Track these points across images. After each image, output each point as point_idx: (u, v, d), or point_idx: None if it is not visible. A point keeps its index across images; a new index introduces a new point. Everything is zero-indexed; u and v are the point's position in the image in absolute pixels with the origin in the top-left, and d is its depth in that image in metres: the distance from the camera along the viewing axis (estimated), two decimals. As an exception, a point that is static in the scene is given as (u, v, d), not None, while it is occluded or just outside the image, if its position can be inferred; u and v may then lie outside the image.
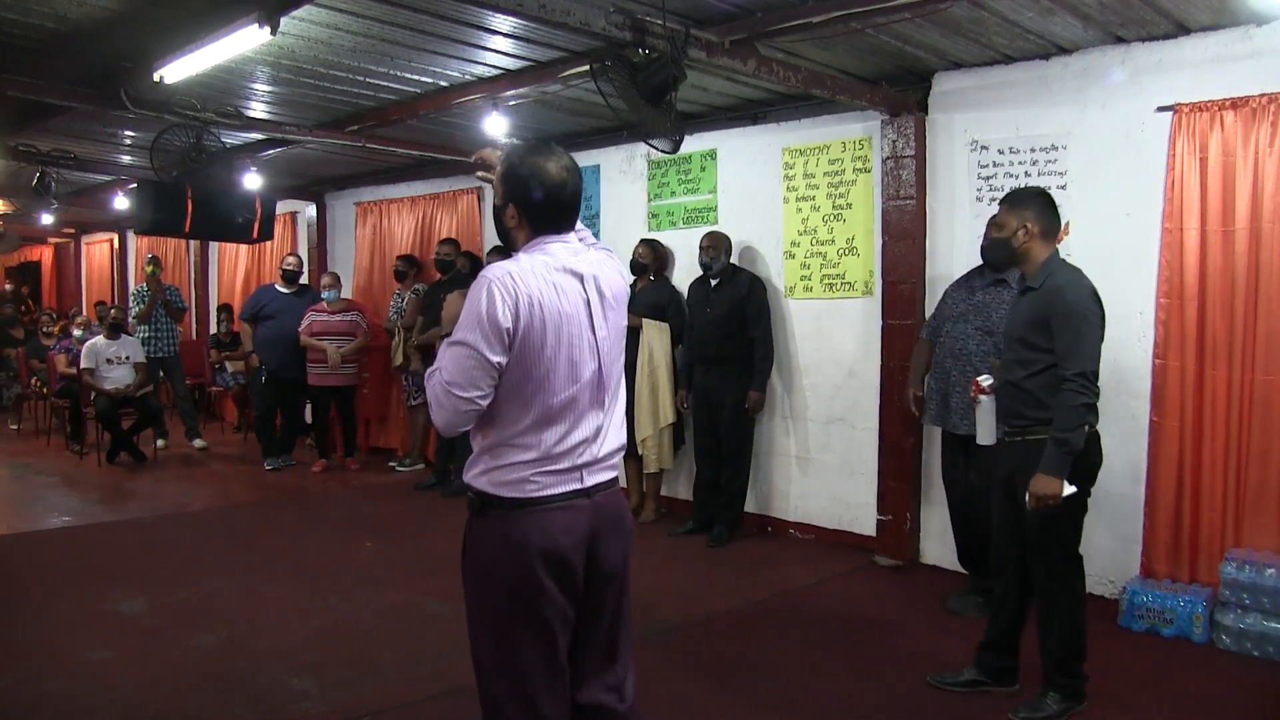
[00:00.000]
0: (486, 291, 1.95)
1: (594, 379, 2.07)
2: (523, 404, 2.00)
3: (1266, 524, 3.94)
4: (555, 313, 1.99)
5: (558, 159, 2.08)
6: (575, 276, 2.06)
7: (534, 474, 2.02)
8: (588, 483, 2.09)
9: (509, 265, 2.01)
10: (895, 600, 4.50)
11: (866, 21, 3.92)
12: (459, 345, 1.97)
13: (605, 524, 2.12)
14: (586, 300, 2.07)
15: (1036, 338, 3.07)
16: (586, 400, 2.06)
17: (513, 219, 2.10)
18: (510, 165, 2.09)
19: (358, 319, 7.65)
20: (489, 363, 1.95)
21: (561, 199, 2.08)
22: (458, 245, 7.11)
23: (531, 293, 1.97)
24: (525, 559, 2.02)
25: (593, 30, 3.54)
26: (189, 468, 7.91)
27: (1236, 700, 3.42)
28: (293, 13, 3.72)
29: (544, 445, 2.02)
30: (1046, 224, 3.15)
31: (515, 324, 1.95)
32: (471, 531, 2.14)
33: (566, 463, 2.05)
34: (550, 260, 2.05)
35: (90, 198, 9.83)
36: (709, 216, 6.02)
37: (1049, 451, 2.96)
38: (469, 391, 1.97)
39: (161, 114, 5.22)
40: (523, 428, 2.01)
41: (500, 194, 2.12)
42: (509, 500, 2.03)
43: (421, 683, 3.51)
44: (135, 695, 3.37)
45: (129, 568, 4.95)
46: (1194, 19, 3.97)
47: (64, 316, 11.61)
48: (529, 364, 1.98)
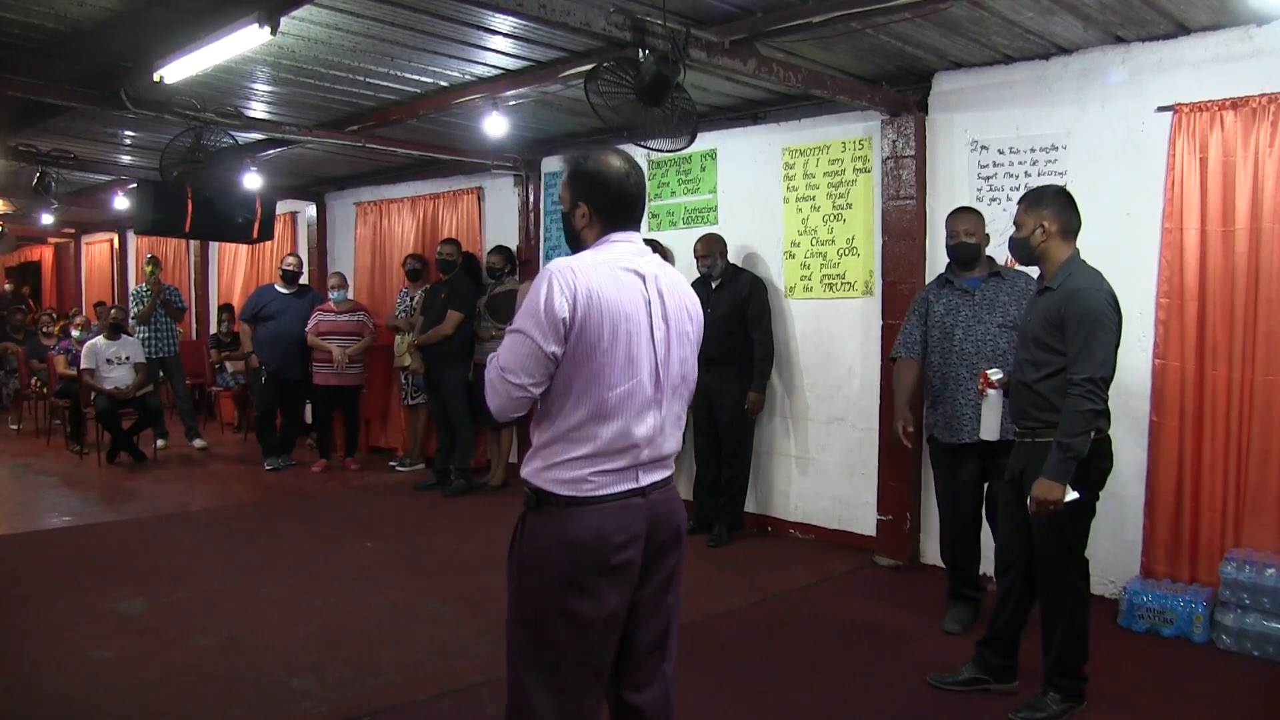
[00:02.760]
0: (547, 284, 1.99)
1: (651, 377, 2.08)
2: (577, 397, 2.02)
3: (1266, 524, 3.94)
4: (614, 308, 2.01)
5: (620, 155, 2.16)
6: (637, 275, 2.09)
7: (591, 472, 2.03)
8: (643, 481, 2.09)
9: (570, 260, 2.05)
10: (895, 600, 4.50)
11: (866, 21, 3.92)
12: (517, 333, 2.01)
13: (660, 524, 2.13)
14: (647, 300, 2.08)
15: (1051, 339, 3.04)
16: (643, 398, 2.06)
17: (583, 217, 2.15)
18: (575, 166, 2.16)
19: (364, 319, 7.65)
20: (543, 352, 1.99)
21: (627, 191, 2.13)
22: (459, 245, 7.11)
23: (590, 286, 1.99)
24: (577, 558, 2.02)
25: (593, 30, 3.55)
26: (189, 468, 7.91)
27: (1236, 700, 3.42)
28: (293, 13, 3.72)
29: (600, 441, 2.03)
30: (1065, 222, 3.11)
31: (572, 316, 1.97)
32: (525, 526, 2.13)
33: (623, 461, 2.05)
34: (614, 257, 2.08)
35: (90, 198, 9.83)
36: (709, 216, 6.02)
37: (1052, 456, 2.95)
38: (521, 378, 2.01)
39: (161, 114, 5.22)
40: (577, 421, 2.03)
41: (567, 198, 2.17)
42: (565, 498, 2.04)
43: (421, 683, 3.51)
44: (135, 695, 3.37)
45: (129, 568, 4.95)
46: (1194, 19, 3.97)
47: (64, 316, 11.61)
48: (584, 357, 2.00)
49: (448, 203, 7.86)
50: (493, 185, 7.50)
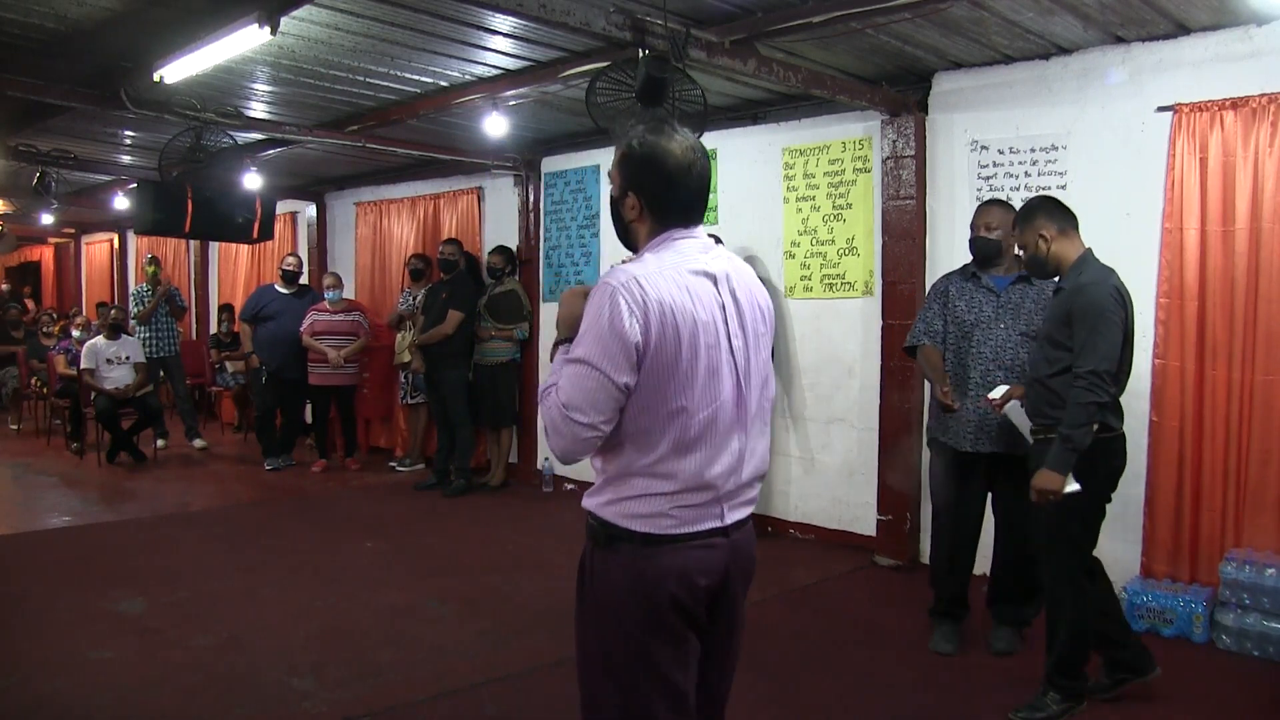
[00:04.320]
0: (610, 300, 1.69)
1: (734, 396, 1.81)
2: (657, 429, 1.75)
3: (1266, 524, 3.94)
4: (690, 321, 1.73)
5: (681, 138, 1.84)
6: (708, 278, 1.81)
7: (673, 508, 1.77)
8: (728, 520, 1.84)
9: (633, 269, 1.75)
10: (895, 601, 4.50)
11: (866, 21, 3.92)
12: (580, 364, 1.72)
13: (739, 566, 1.89)
14: (722, 305, 1.81)
15: (1060, 335, 3.08)
16: (726, 422, 1.80)
17: (633, 210, 1.86)
18: (629, 148, 1.85)
19: (360, 319, 7.66)
20: (615, 385, 1.70)
21: (688, 184, 1.83)
22: (460, 245, 7.12)
23: (662, 299, 1.71)
24: (659, 602, 1.78)
25: (593, 30, 3.55)
26: (189, 468, 7.91)
27: (1236, 700, 3.42)
28: (293, 13, 3.72)
29: (683, 476, 1.77)
30: (1060, 224, 3.16)
31: (645, 338, 1.69)
32: (594, 566, 1.87)
33: (707, 495, 1.80)
34: (680, 259, 1.80)
35: (90, 198, 9.84)
36: (709, 216, 6.02)
37: (1054, 446, 2.97)
38: (590, 416, 1.71)
39: (161, 114, 5.22)
40: (658, 456, 1.76)
41: (617, 182, 1.88)
42: (642, 535, 1.78)
43: (421, 683, 3.51)
44: (135, 695, 3.37)
45: (129, 568, 4.95)
46: (1194, 19, 3.97)
47: (64, 316, 11.61)
48: (662, 383, 1.73)
49: (448, 203, 7.86)
50: (493, 185, 7.50)
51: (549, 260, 7.11)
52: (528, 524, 6.03)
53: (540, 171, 7.12)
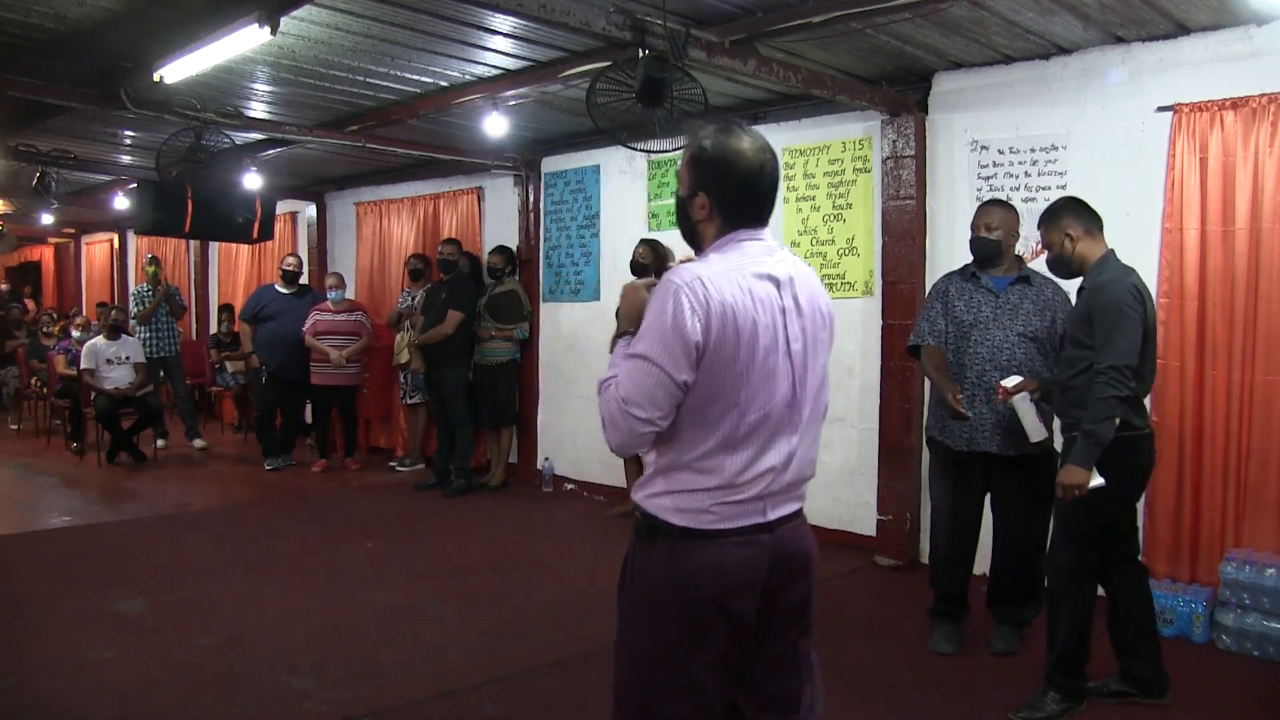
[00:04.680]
0: (674, 299, 1.72)
1: (787, 398, 1.82)
2: (708, 425, 1.78)
3: (1266, 524, 3.94)
4: (750, 323, 1.76)
5: (753, 139, 1.85)
6: (771, 281, 1.82)
7: (714, 504, 1.79)
8: (770, 516, 1.84)
9: (697, 268, 1.78)
10: (895, 600, 4.50)
11: (866, 21, 3.92)
12: (640, 359, 1.75)
13: (786, 561, 1.88)
14: (783, 309, 1.82)
15: (1082, 334, 3.09)
16: (778, 423, 1.82)
17: (702, 210, 1.87)
18: (700, 148, 1.86)
19: (362, 319, 7.67)
20: (674, 382, 1.73)
21: (759, 185, 1.85)
22: (460, 245, 7.12)
23: (725, 300, 1.73)
24: (694, 596, 1.80)
25: (593, 30, 3.55)
26: (189, 468, 7.91)
27: (1236, 700, 3.42)
28: (293, 13, 3.72)
29: (727, 472, 1.79)
30: (1085, 224, 3.19)
31: (706, 337, 1.72)
32: (636, 558, 1.89)
33: (750, 492, 1.81)
34: (745, 261, 1.82)
35: (90, 198, 9.84)
36: (709, 216, 6.01)
37: (1078, 442, 2.98)
38: (648, 411, 1.74)
39: (161, 114, 5.22)
40: (704, 451, 1.79)
41: (687, 182, 1.90)
42: (680, 529, 1.80)
43: (421, 683, 3.51)
44: (135, 695, 3.37)
45: (129, 568, 4.95)
46: (1194, 19, 3.97)
47: (64, 316, 11.62)
48: (718, 382, 1.75)
49: (448, 203, 7.86)
50: (493, 185, 7.50)
51: (549, 260, 7.11)
52: (528, 524, 6.03)
53: (540, 171, 7.12)
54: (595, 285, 6.75)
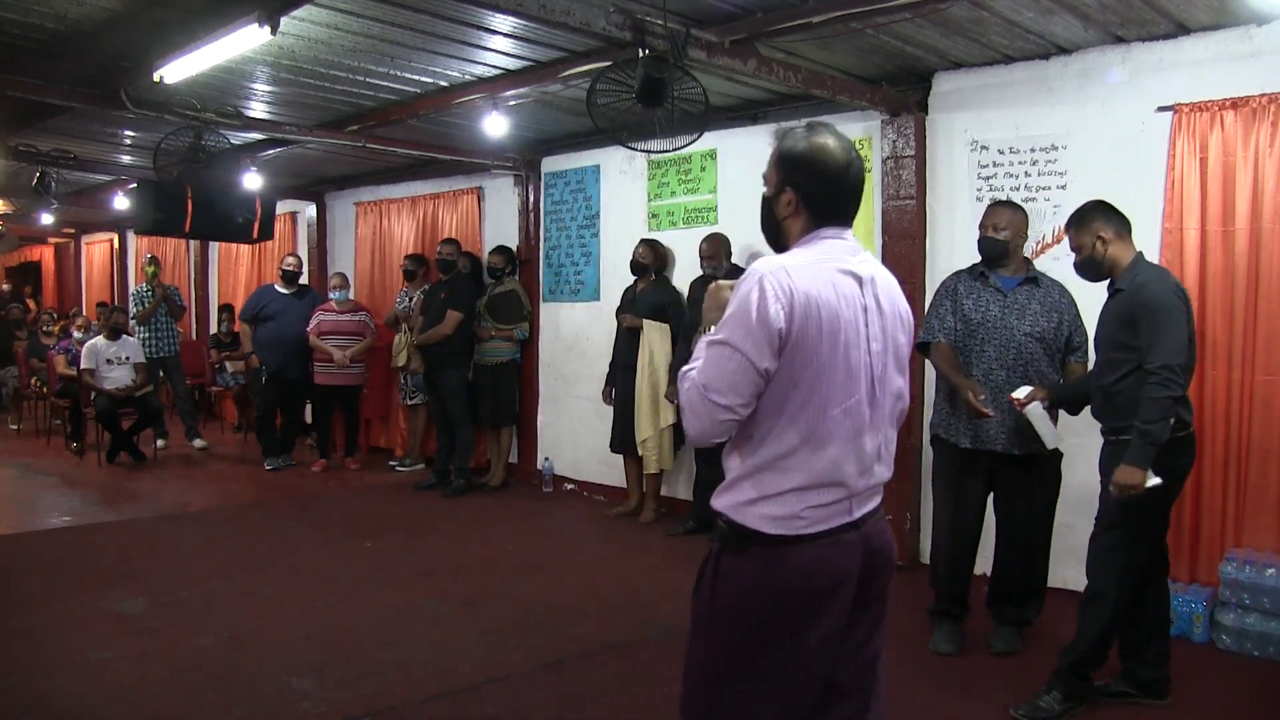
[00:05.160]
0: (759, 288, 1.73)
1: (868, 395, 1.82)
2: (789, 420, 1.77)
3: (1266, 524, 3.94)
4: (833, 316, 1.75)
5: (839, 138, 1.87)
6: (854, 279, 1.83)
7: (805, 508, 1.78)
8: (856, 514, 1.84)
9: (784, 259, 1.80)
10: (895, 600, 4.48)
11: (866, 21, 3.92)
12: (722, 345, 1.74)
13: (872, 557, 1.88)
14: (865, 307, 1.82)
15: (1125, 337, 3.08)
16: (860, 420, 1.81)
17: (788, 206, 1.89)
18: (789, 146, 1.88)
19: (366, 319, 7.67)
20: (756, 369, 1.72)
21: (846, 184, 1.86)
22: (459, 245, 7.12)
23: (809, 292, 1.74)
24: (786, 604, 1.78)
25: (593, 30, 3.55)
26: (189, 468, 7.91)
27: (1236, 700, 3.42)
28: (293, 13, 3.72)
29: (814, 470, 1.78)
30: (1117, 227, 3.19)
31: (789, 326, 1.72)
32: (720, 566, 1.84)
33: (838, 493, 1.80)
34: (829, 257, 1.82)
35: (90, 198, 9.83)
36: (709, 216, 6.01)
37: (1133, 442, 2.97)
38: (728, 398, 1.73)
39: (161, 114, 5.22)
40: (789, 448, 1.77)
41: (773, 180, 1.92)
42: (773, 536, 1.77)
43: (421, 683, 3.51)
44: (135, 695, 3.37)
45: (129, 568, 4.95)
46: (1194, 19, 3.97)
47: (64, 316, 11.62)
48: (800, 374, 1.75)
49: (448, 203, 7.86)
50: (493, 185, 7.50)
51: (549, 260, 7.11)
52: (528, 524, 6.03)
53: (540, 171, 7.12)
54: (595, 285, 6.75)
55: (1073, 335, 3.73)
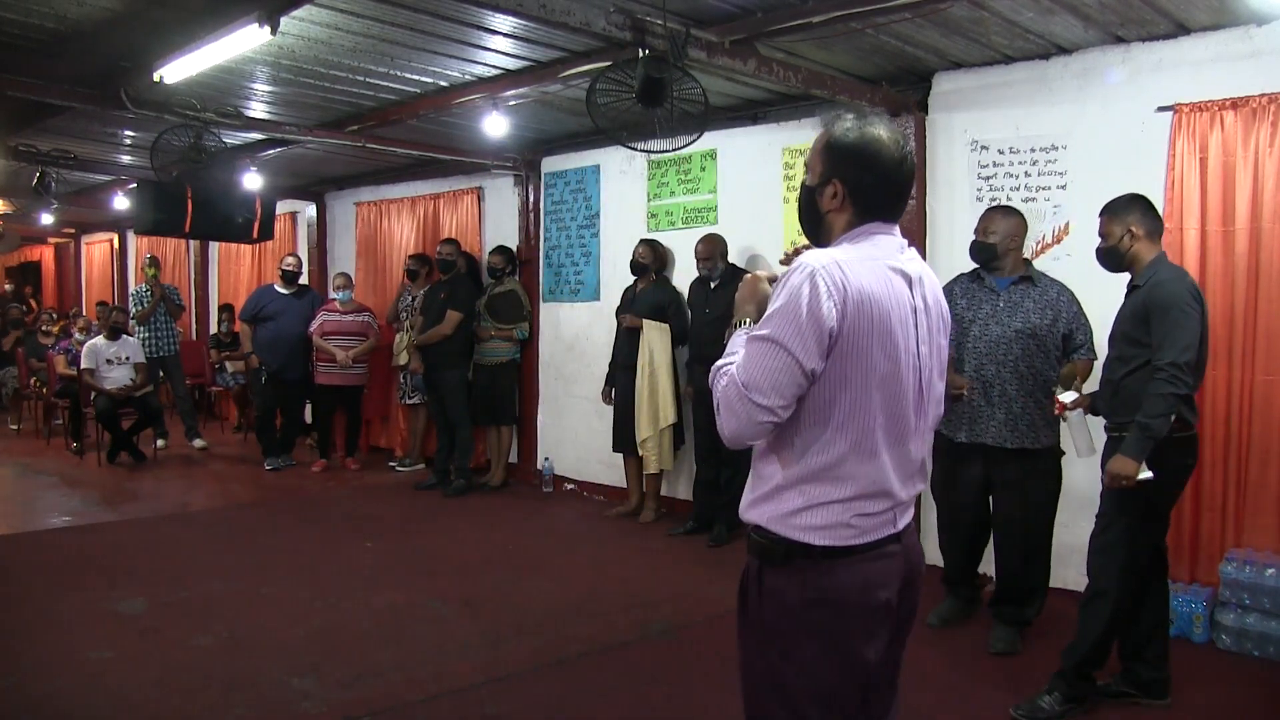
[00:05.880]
0: (810, 281, 1.61)
1: (915, 401, 1.74)
2: (837, 426, 1.66)
3: (1266, 524, 3.94)
4: (885, 316, 1.65)
5: (891, 129, 1.76)
6: (904, 278, 1.73)
7: (852, 517, 1.68)
8: (899, 524, 1.76)
9: (834, 253, 1.68)
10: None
11: (866, 21, 3.92)
12: (767, 341, 1.62)
13: (912, 570, 1.81)
14: (914, 308, 1.73)
15: (1138, 333, 3.10)
16: (907, 426, 1.73)
17: (833, 199, 1.76)
18: (839, 135, 1.76)
19: (369, 320, 7.67)
20: (802, 369, 1.61)
21: (898, 178, 1.75)
22: (459, 245, 7.12)
23: (863, 288, 1.63)
24: (840, 619, 1.69)
25: (593, 30, 3.54)
26: (189, 468, 7.91)
27: (1236, 700, 3.42)
28: (293, 13, 3.72)
29: (863, 481, 1.68)
30: (1150, 226, 3.19)
31: (840, 324, 1.61)
32: (764, 583, 1.74)
33: (886, 503, 1.72)
34: (880, 254, 1.72)
35: (90, 198, 9.83)
36: (709, 216, 6.02)
37: (1131, 434, 2.98)
38: (770, 398, 1.62)
39: (161, 114, 5.23)
40: (838, 456, 1.67)
41: (818, 170, 1.78)
42: (820, 549, 1.67)
43: (421, 683, 3.51)
44: (135, 695, 3.37)
45: (129, 568, 4.95)
46: (1194, 19, 3.97)
47: (64, 316, 11.62)
48: (850, 377, 1.64)
49: (448, 203, 7.86)
50: (493, 185, 7.50)
51: (549, 260, 7.11)
52: (528, 524, 6.03)
53: (540, 171, 7.12)
54: (595, 285, 6.75)
55: (1074, 332, 3.78)
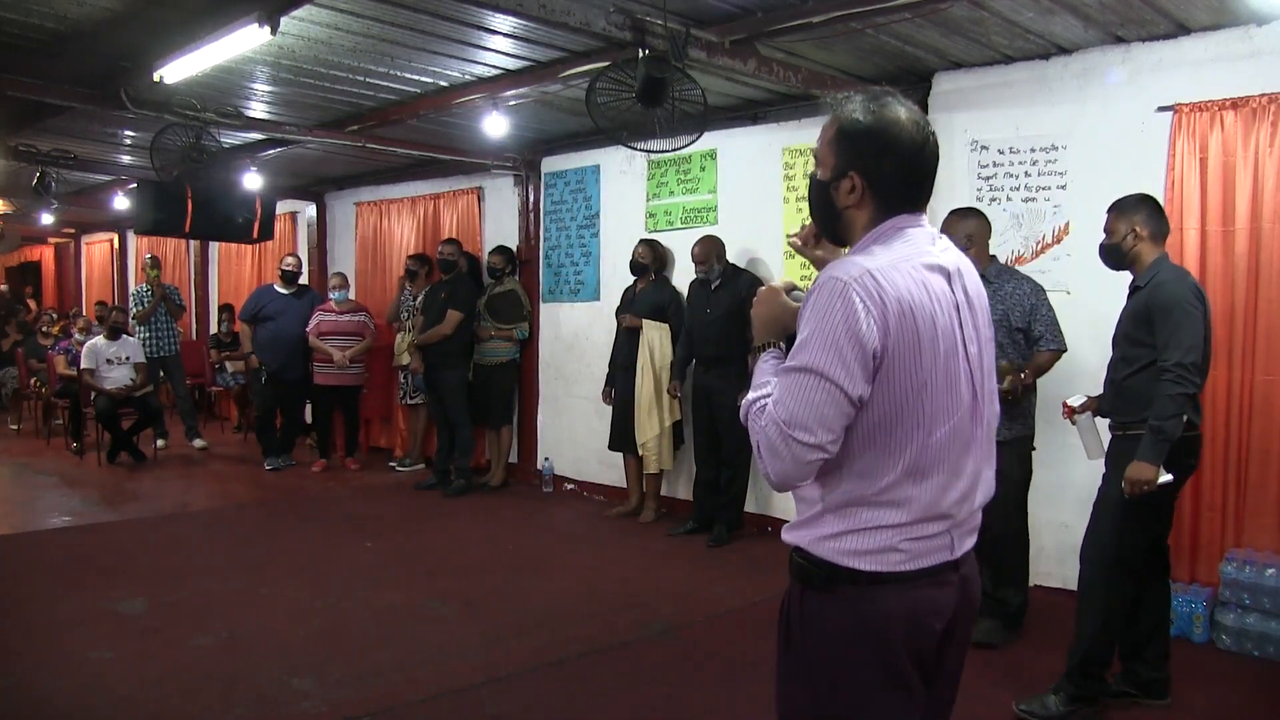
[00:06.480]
0: (842, 298, 1.45)
1: (970, 409, 1.58)
2: (891, 449, 1.51)
3: (1266, 524, 3.94)
4: (929, 323, 1.50)
5: (909, 109, 1.59)
6: (942, 274, 1.56)
7: (903, 541, 1.53)
8: (958, 551, 1.60)
9: (865, 261, 1.50)
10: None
11: (866, 21, 3.92)
12: (804, 373, 1.46)
13: (968, 604, 1.65)
14: (956, 305, 1.57)
15: (1140, 333, 3.10)
16: (963, 440, 1.57)
17: (851, 194, 1.58)
18: (851, 121, 1.58)
19: (366, 319, 7.67)
20: (848, 397, 1.46)
21: (921, 162, 1.58)
22: (460, 245, 7.12)
23: (901, 297, 1.47)
24: (887, 653, 1.54)
25: (593, 30, 3.55)
26: (189, 468, 7.91)
27: (1236, 700, 3.42)
28: (293, 13, 3.72)
29: (917, 504, 1.53)
30: (1155, 228, 3.19)
31: (884, 341, 1.45)
32: (806, 609, 1.61)
33: (942, 525, 1.56)
34: (913, 251, 1.55)
35: (90, 198, 9.83)
36: (709, 216, 6.02)
37: (1145, 439, 2.98)
38: (817, 435, 1.46)
39: (161, 114, 5.23)
40: (890, 481, 1.51)
41: (830, 163, 1.61)
42: (867, 574, 1.53)
43: (421, 683, 3.51)
44: (135, 695, 3.37)
45: (129, 568, 4.95)
46: (1194, 19, 3.97)
47: (64, 317, 11.62)
48: (899, 395, 1.49)
49: (448, 203, 7.86)
50: (493, 185, 7.50)
51: (548, 260, 7.11)
52: (528, 524, 6.03)
53: (540, 171, 7.12)
54: (595, 285, 6.75)
55: (1032, 325, 3.82)
